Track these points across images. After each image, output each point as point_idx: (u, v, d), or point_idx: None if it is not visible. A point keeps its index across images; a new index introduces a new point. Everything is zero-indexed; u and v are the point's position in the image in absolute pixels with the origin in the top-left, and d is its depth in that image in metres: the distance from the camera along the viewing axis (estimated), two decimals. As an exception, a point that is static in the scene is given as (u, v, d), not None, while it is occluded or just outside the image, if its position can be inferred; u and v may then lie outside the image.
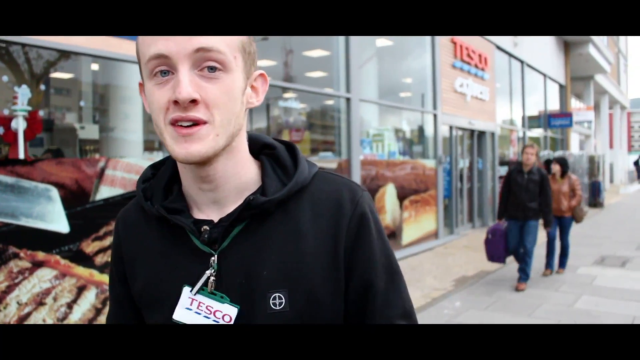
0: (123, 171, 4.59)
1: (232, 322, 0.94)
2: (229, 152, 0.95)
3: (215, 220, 0.98)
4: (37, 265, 4.02)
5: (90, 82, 6.03)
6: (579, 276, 7.54)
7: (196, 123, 0.88)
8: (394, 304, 1.01)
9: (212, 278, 0.95)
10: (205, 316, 0.95)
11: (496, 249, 7.00)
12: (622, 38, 36.74)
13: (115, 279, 1.12)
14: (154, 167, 1.09)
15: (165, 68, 0.89)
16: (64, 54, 4.82)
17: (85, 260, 4.33)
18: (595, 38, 20.40)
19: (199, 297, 0.96)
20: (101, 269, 4.43)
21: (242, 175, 0.99)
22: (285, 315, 0.93)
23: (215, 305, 0.95)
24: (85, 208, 4.33)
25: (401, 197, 9.26)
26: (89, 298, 4.34)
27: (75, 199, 4.27)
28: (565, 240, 7.74)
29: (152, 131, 5.78)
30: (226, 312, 0.94)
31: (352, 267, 0.98)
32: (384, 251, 1.02)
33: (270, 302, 0.94)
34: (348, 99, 8.16)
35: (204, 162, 0.92)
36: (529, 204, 6.83)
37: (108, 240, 4.45)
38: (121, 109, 5.68)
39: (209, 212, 1.00)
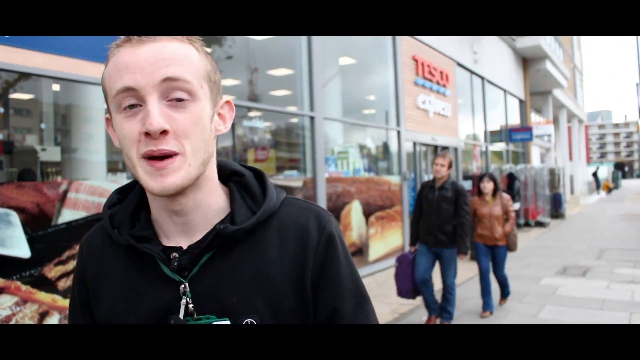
0: (86, 194, 4.53)
1: None
2: (201, 181, 0.96)
3: (184, 247, 0.98)
4: (-3, 291, 3.93)
5: (52, 103, 5.94)
6: (542, 287, 7.69)
7: (168, 155, 0.88)
8: None
9: (190, 305, 0.95)
10: None
11: (404, 282, 5.71)
12: (577, 54, 37.89)
13: (77, 305, 1.09)
14: (120, 192, 1.09)
15: (133, 101, 0.89)
16: (24, 75, 4.74)
17: (48, 285, 4.23)
18: (551, 54, 21.01)
19: None
20: (64, 294, 4.33)
21: (211, 203, 1.00)
22: None
23: None
24: (47, 232, 4.25)
25: (367, 214, 9.32)
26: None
27: (37, 223, 4.19)
28: (501, 274, 6.47)
29: (115, 152, 5.71)
30: None
31: (320, 292, 1.00)
32: (351, 276, 1.03)
33: None
34: (312, 118, 8.20)
35: (177, 193, 0.93)
36: (443, 227, 5.54)
37: (71, 264, 4.37)
38: (84, 130, 5.60)
39: (177, 239, 1.00)
